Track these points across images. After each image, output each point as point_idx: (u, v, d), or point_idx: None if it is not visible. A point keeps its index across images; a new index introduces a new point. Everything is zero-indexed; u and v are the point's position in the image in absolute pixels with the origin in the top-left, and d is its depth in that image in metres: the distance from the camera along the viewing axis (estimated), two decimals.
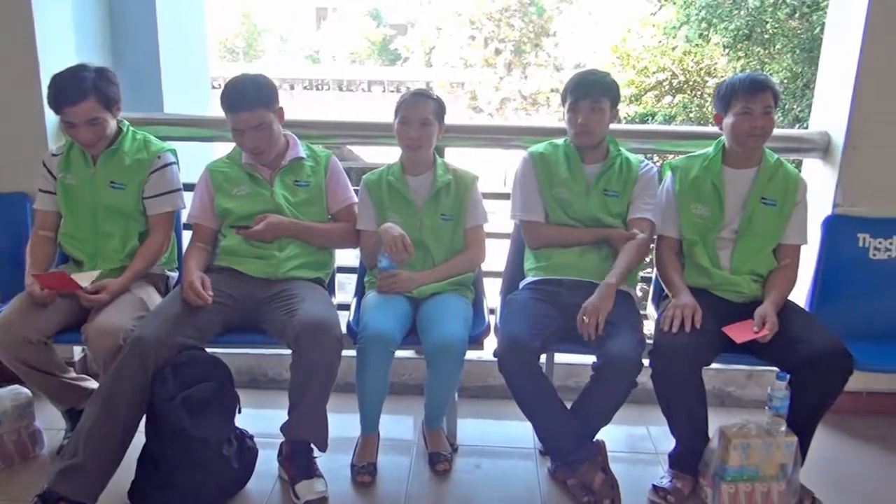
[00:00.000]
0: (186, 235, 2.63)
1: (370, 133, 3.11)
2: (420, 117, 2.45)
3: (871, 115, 2.63)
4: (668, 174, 2.55)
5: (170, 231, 2.57)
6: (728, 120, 2.37)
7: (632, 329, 2.26)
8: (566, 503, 2.32)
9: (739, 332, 2.26)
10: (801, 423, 2.25)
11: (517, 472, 2.49)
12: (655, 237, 2.54)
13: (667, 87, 8.07)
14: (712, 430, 2.30)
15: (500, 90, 23.03)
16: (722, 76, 8.96)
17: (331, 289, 2.67)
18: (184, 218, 2.70)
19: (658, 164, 2.89)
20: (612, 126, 2.53)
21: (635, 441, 2.70)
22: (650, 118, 7.86)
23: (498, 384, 2.27)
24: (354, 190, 2.65)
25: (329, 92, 29.65)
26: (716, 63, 8.54)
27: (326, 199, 2.59)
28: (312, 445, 2.34)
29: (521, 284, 2.58)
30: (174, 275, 2.65)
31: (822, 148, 2.78)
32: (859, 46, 2.58)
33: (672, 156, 2.86)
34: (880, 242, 2.66)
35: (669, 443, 2.40)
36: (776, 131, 2.56)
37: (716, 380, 2.94)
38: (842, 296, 2.63)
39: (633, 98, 8.23)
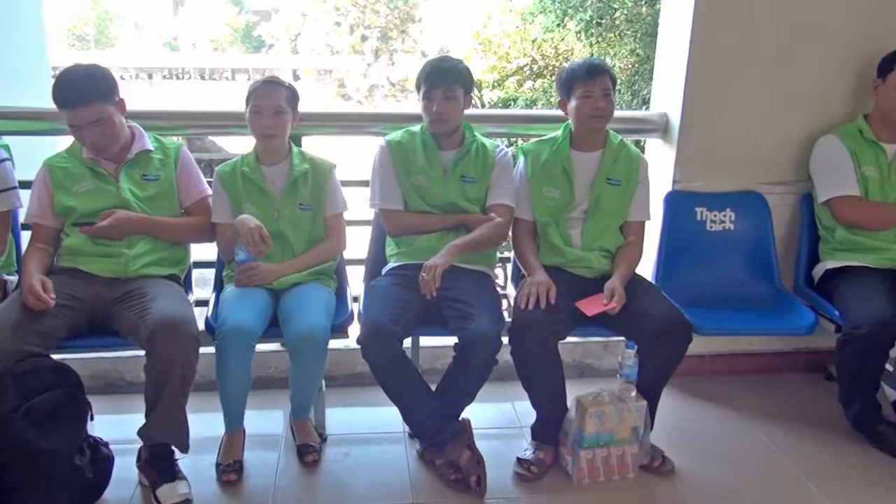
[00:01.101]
0: (26, 236, 2.46)
1: (225, 123, 3.00)
2: (272, 105, 2.41)
3: (703, 97, 2.82)
4: (521, 158, 2.63)
5: (5, 233, 2.41)
6: (571, 104, 2.48)
7: (490, 309, 2.32)
8: (435, 483, 2.37)
9: (591, 306, 2.37)
10: (649, 388, 2.40)
11: (387, 457, 2.51)
12: (513, 221, 2.62)
13: (528, 73, 8.29)
14: (570, 401, 2.41)
15: (368, 77, 22.89)
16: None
17: (188, 285, 2.59)
18: (22, 217, 2.53)
19: (511, 148, 2.98)
20: (467, 112, 2.58)
21: (501, 417, 2.79)
22: (513, 103, 8.06)
23: (366, 371, 2.28)
24: (209, 182, 2.57)
25: (191, 81, 28.50)
26: (572, 49, 8.84)
27: (178, 192, 2.50)
28: (174, 448, 2.27)
29: (384, 270, 2.59)
30: (13, 279, 2.47)
31: (661, 128, 2.95)
32: (689, 32, 2.75)
33: (521, 140, 2.95)
34: (715, 215, 2.86)
35: (532, 416, 2.49)
36: (620, 113, 2.69)
37: (574, 352, 3.08)
38: (684, 267, 2.81)
39: (495, 83, 8.41)
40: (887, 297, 2.47)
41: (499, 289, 2.64)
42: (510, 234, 2.64)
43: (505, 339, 2.31)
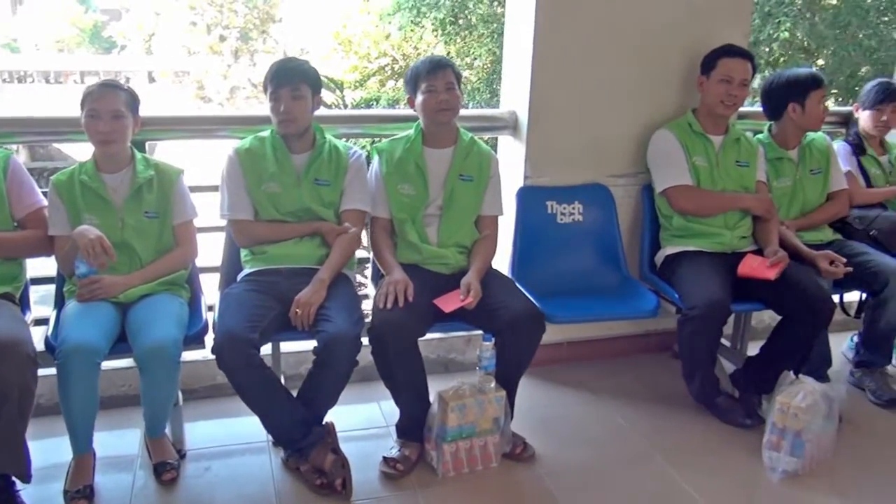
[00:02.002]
0: None
1: (61, 129, 2.82)
2: (110, 109, 2.30)
3: (548, 94, 2.92)
4: (375, 157, 2.64)
5: None
6: (418, 100, 2.52)
7: (349, 310, 2.32)
8: (300, 490, 2.33)
9: (448, 303, 2.41)
10: (508, 378, 2.47)
11: (250, 469, 2.46)
12: (369, 221, 2.62)
13: (389, 72, 8.33)
14: (433, 396, 2.44)
15: (228, 78, 22.22)
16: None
17: (25, 303, 2.43)
18: None
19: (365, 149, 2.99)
20: (319, 113, 2.56)
21: (367, 418, 2.78)
22: (375, 102, 8.07)
23: (227, 382, 2.22)
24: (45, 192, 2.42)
25: (34, 84, 26.69)
26: (434, 48, 8.95)
27: (10, 205, 2.34)
28: (14, 478, 2.12)
29: (239, 277, 2.53)
30: None
31: (511, 125, 3.04)
32: (532, 31, 2.84)
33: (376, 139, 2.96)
34: (565, 208, 2.98)
35: (398, 415, 2.51)
36: (472, 111, 2.75)
37: (439, 348, 3.12)
38: (537, 259, 2.91)
39: (357, 83, 8.40)
40: (719, 279, 2.66)
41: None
42: (368, 233, 2.65)
43: (365, 340, 2.32)
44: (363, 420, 2.76)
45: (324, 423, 2.38)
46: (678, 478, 2.45)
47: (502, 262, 2.88)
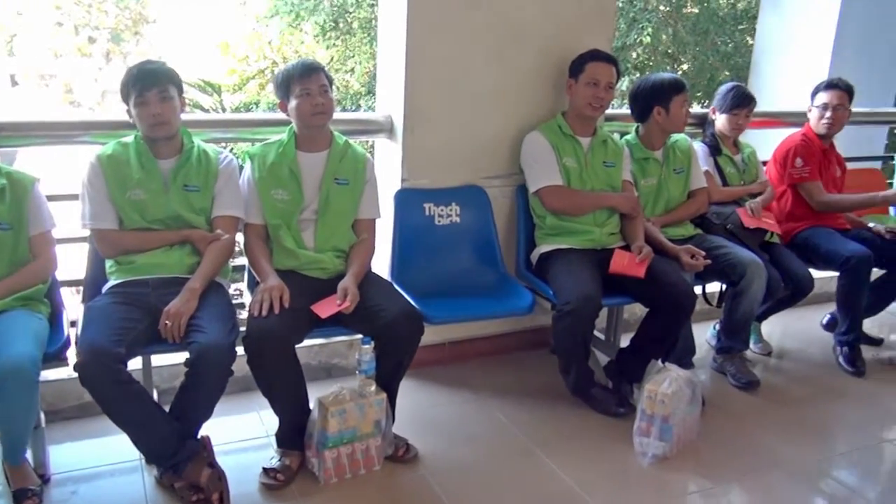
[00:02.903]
0: None
1: None
2: None
3: (421, 97, 2.95)
4: (247, 162, 2.59)
5: None
6: (291, 104, 2.49)
7: (222, 319, 2.26)
8: None
9: (325, 308, 2.39)
10: (388, 381, 2.48)
11: (120, 489, 2.34)
12: (244, 226, 2.57)
13: (269, 76, 8.15)
14: (312, 403, 2.41)
15: (99, 81, 21.12)
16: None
17: None
18: None
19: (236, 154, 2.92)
20: (187, 117, 2.49)
21: (246, 428, 2.71)
22: (255, 106, 7.88)
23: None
24: None
25: None
26: (314, 52, 8.84)
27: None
28: None
29: (104, 289, 2.41)
30: None
31: (387, 129, 3.05)
32: (405, 35, 2.86)
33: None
34: (442, 210, 3.01)
35: (277, 424, 2.46)
36: (348, 115, 2.73)
37: (321, 354, 3.09)
38: (416, 261, 2.93)
39: (236, 87, 8.17)
40: (591, 274, 2.77)
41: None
42: (243, 240, 2.59)
43: (241, 349, 2.27)
44: (242, 431, 2.69)
45: (199, 436, 2.30)
46: (557, 469, 2.53)
47: (382, 265, 2.89)
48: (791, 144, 3.49)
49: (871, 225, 3.53)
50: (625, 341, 3.03)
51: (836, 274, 3.33)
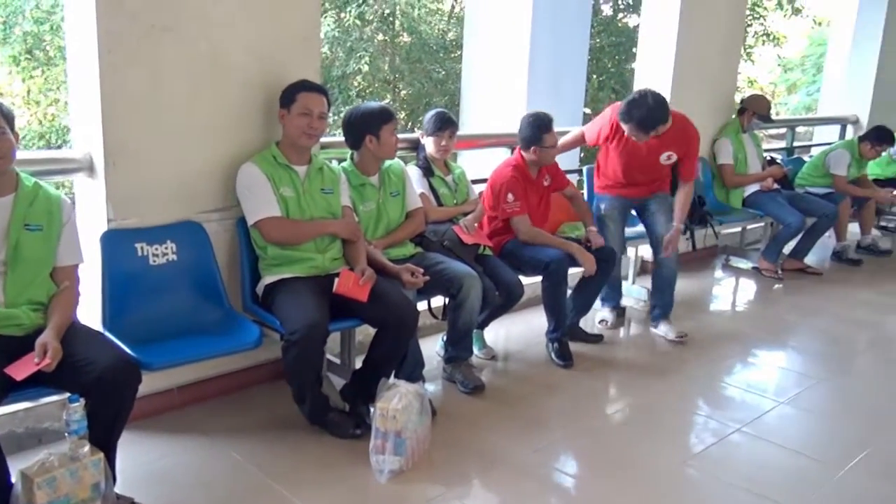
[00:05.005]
0: None
1: None
2: None
3: (122, 133, 2.77)
4: None
5: None
6: None
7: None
8: None
9: (21, 369, 2.16)
10: (105, 439, 2.29)
11: None
12: None
13: None
14: (15, 477, 2.16)
15: None
16: (11, 95, 8.45)
17: None
18: None
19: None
20: None
21: None
22: None
23: None
24: None
25: None
26: (12, 85, 8.02)
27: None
28: None
29: None
30: None
31: (87, 167, 2.83)
32: (97, 70, 2.68)
33: None
34: (157, 248, 2.86)
35: None
36: (39, 154, 2.51)
37: (28, 419, 2.77)
38: (132, 305, 2.75)
39: None
40: (316, 301, 2.79)
41: None
42: None
43: None
44: None
45: None
46: (295, 500, 2.51)
47: (92, 314, 2.68)
48: (503, 179, 3.74)
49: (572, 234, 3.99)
50: (360, 363, 3.09)
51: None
